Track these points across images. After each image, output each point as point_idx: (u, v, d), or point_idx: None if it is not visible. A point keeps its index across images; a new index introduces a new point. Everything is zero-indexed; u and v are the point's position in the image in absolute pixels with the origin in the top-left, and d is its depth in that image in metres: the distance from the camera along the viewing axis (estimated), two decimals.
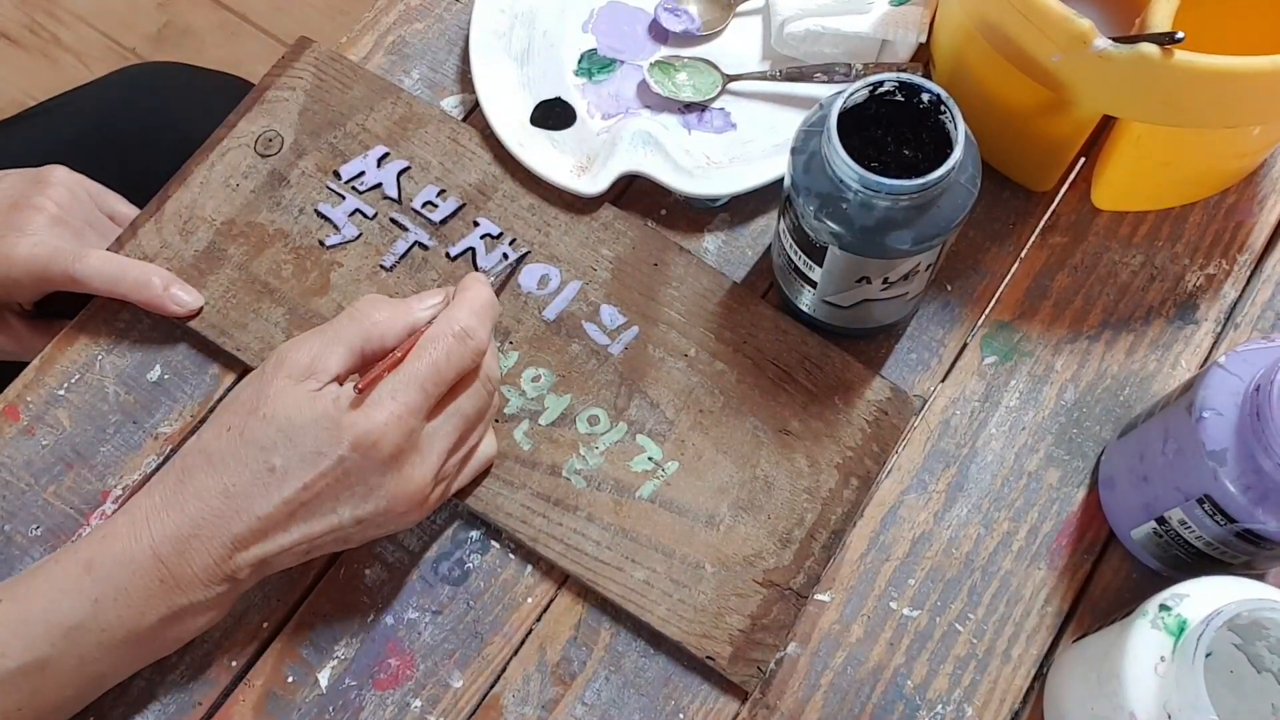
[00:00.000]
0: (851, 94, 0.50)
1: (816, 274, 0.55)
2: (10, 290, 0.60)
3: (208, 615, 0.50)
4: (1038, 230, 0.65)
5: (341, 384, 0.49)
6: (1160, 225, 0.65)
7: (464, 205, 0.63)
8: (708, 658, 0.55)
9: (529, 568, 0.57)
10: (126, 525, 0.48)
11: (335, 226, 0.63)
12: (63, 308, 0.63)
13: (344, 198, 0.63)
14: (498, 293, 0.55)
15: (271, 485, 0.47)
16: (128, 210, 0.66)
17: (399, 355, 0.49)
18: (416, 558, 0.57)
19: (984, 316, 0.63)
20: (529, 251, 0.62)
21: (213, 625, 0.51)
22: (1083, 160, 0.65)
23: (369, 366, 0.50)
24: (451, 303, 0.51)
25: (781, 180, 0.55)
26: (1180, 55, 0.51)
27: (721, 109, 0.67)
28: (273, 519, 0.48)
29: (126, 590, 0.47)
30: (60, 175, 0.63)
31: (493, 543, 0.58)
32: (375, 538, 0.52)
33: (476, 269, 0.62)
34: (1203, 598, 0.47)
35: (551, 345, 0.61)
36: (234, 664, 0.55)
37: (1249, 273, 0.64)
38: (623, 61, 0.68)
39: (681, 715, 0.55)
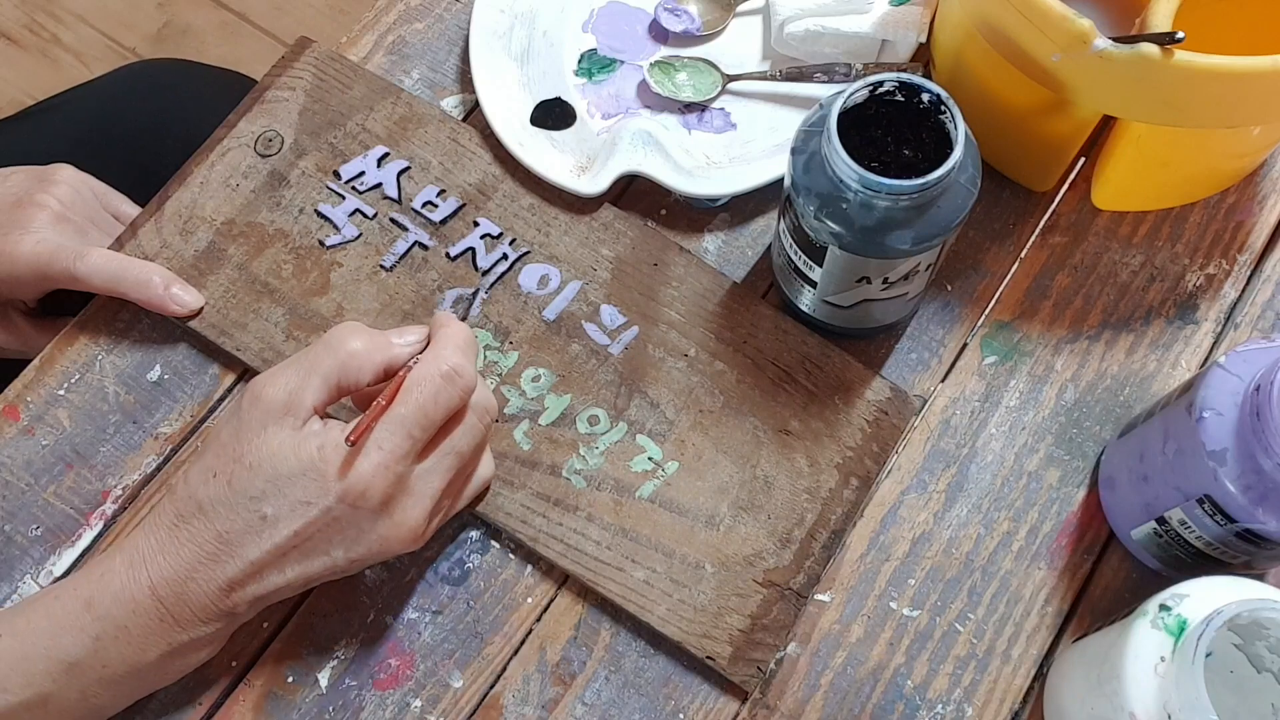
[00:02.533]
0: (851, 94, 0.50)
1: (816, 274, 0.55)
2: (14, 288, 0.60)
3: (208, 648, 0.50)
4: (1038, 230, 0.65)
5: (321, 417, 0.49)
6: (1160, 225, 0.65)
7: (464, 205, 0.63)
8: (708, 658, 0.55)
9: (529, 568, 0.57)
10: (125, 566, 0.48)
11: (335, 226, 0.63)
12: (67, 305, 0.63)
13: (344, 198, 0.63)
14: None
15: (264, 532, 0.47)
16: (132, 210, 0.66)
17: (384, 402, 0.48)
18: (416, 558, 0.57)
19: (984, 316, 0.63)
20: (529, 252, 0.62)
21: (210, 657, 0.51)
22: (1083, 160, 0.65)
23: (343, 396, 0.50)
24: (434, 341, 0.50)
25: (781, 180, 0.55)
26: (1180, 55, 0.51)
27: (721, 109, 0.67)
28: (266, 562, 0.48)
29: (127, 628, 0.48)
30: (66, 174, 0.63)
31: (493, 543, 0.58)
32: (374, 564, 0.52)
33: (476, 269, 0.62)
34: (1203, 598, 0.47)
35: (551, 345, 0.61)
36: (234, 664, 0.55)
37: (1249, 273, 0.64)
38: (623, 61, 0.68)
39: (681, 715, 0.55)
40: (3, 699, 0.47)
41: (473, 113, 0.67)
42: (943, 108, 0.50)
